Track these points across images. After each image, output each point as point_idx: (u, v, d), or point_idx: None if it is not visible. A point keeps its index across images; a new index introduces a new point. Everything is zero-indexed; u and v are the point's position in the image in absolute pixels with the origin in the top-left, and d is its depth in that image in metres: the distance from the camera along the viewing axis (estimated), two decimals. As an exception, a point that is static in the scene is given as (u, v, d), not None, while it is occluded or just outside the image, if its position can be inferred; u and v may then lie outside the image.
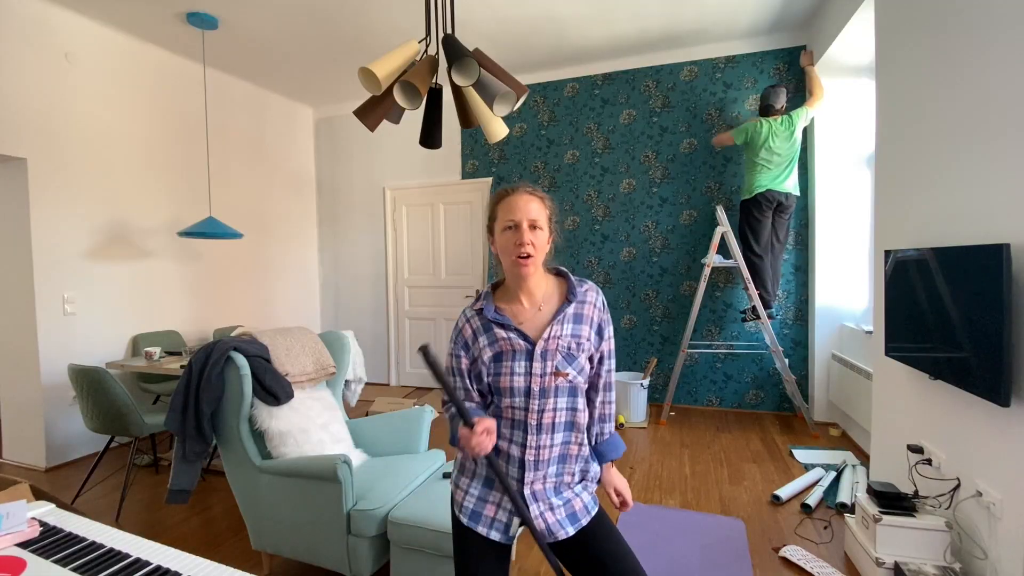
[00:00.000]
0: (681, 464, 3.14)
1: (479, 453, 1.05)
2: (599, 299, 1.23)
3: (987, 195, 1.69)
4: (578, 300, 1.20)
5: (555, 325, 1.16)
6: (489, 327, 1.19)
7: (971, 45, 1.77)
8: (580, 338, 1.17)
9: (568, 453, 1.19)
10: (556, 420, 1.15)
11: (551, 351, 1.15)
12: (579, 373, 1.16)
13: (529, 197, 1.18)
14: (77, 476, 3.11)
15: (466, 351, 1.21)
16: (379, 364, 5.38)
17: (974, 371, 1.62)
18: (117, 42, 3.62)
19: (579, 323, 1.18)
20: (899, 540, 1.86)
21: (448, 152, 4.96)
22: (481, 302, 1.23)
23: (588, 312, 1.20)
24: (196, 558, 0.99)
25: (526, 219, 1.16)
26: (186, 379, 1.97)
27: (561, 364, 1.14)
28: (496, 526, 1.17)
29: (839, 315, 3.82)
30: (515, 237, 1.15)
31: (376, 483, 1.96)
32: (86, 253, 3.45)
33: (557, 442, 1.17)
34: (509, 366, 1.15)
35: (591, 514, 1.19)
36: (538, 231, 1.17)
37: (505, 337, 1.17)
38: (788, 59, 3.94)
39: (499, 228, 1.19)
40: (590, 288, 1.23)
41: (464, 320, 1.23)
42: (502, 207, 1.20)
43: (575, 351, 1.16)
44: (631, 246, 4.42)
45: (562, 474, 1.19)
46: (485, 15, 3.55)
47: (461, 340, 1.22)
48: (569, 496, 1.19)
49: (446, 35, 1.95)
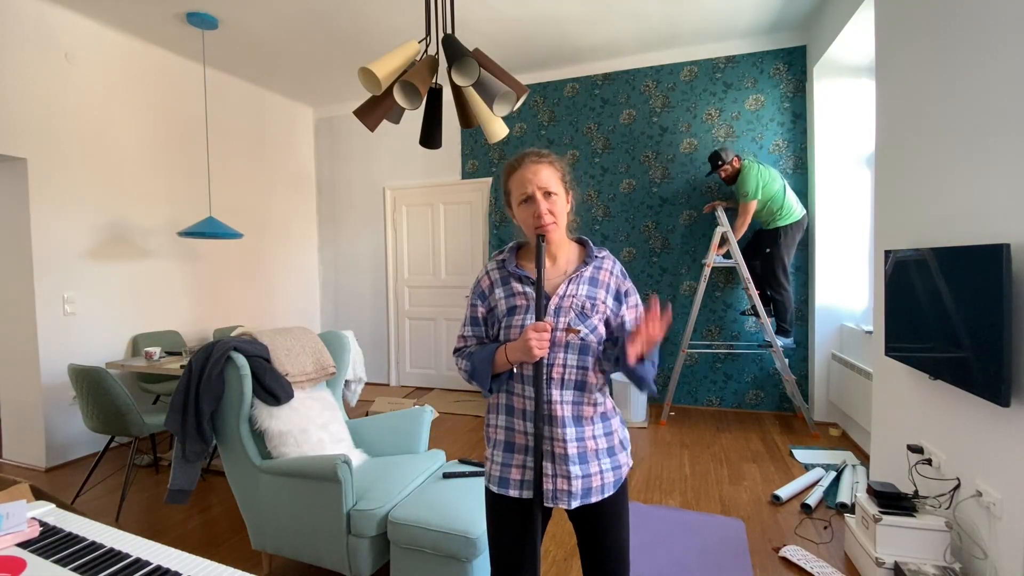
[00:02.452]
0: (681, 464, 3.14)
1: (542, 350, 1.07)
2: (616, 267, 1.25)
3: (987, 195, 1.69)
4: (595, 265, 1.23)
5: (571, 284, 1.19)
6: (507, 280, 1.23)
7: (971, 45, 1.77)
8: (595, 300, 1.19)
9: (582, 415, 1.18)
10: (565, 376, 1.16)
11: (565, 308, 1.16)
12: (591, 332, 1.16)
13: (537, 165, 1.19)
14: (77, 476, 3.11)
15: (483, 301, 1.25)
16: (379, 364, 5.38)
17: (974, 371, 1.62)
18: (117, 42, 3.62)
19: (595, 286, 1.20)
20: (899, 540, 1.86)
21: (448, 152, 4.96)
22: (505, 254, 1.27)
23: (604, 277, 1.22)
24: (196, 558, 0.99)
25: (538, 189, 1.16)
26: (186, 379, 1.97)
27: (574, 321, 1.16)
28: (526, 486, 1.17)
29: (839, 315, 3.82)
30: (532, 209, 1.17)
31: (376, 483, 1.96)
32: (86, 253, 3.45)
33: (568, 399, 1.16)
34: (522, 319, 1.17)
35: (604, 496, 1.18)
36: (554, 196, 1.18)
37: (522, 291, 1.20)
38: (788, 59, 3.94)
39: (515, 203, 1.21)
40: (607, 256, 1.27)
41: (484, 272, 1.28)
42: (513, 181, 1.21)
43: (588, 311, 1.17)
44: (631, 246, 4.42)
45: (583, 438, 1.17)
46: (485, 15, 3.55)
47: (479, 290, 1.27)
48: (594, 470, 1.17)
49: (446, 35, 1.95)
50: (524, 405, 1.17)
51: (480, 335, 1.26)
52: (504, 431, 1.21)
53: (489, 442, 1.25)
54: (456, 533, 1.68)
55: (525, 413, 1.17)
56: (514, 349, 1.12)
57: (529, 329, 1.08)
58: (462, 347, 1.28)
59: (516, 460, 1.19)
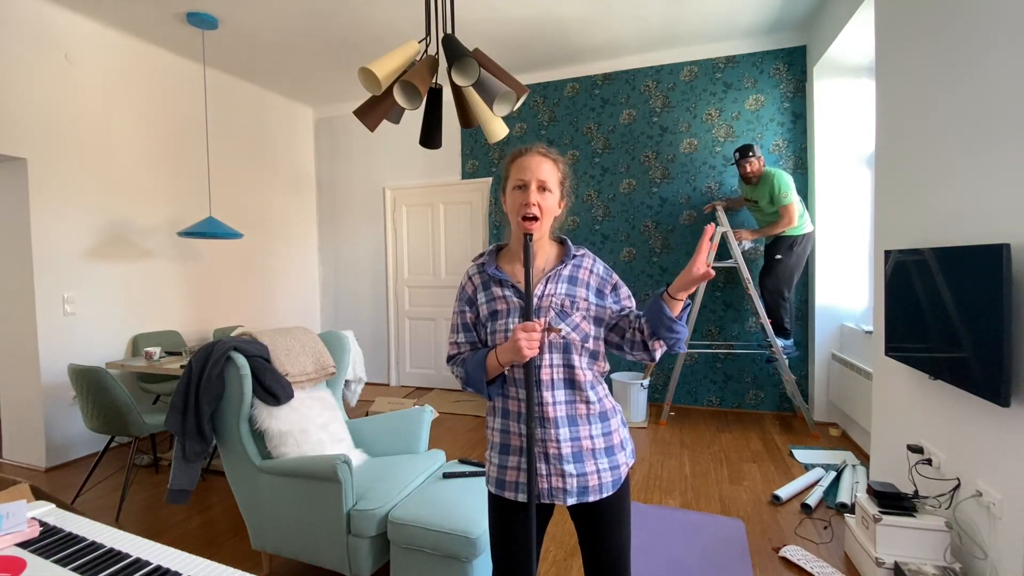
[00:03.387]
0: (681, 464, 3.14)
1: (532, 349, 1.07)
2: (597, 265, 1.25)
3: (987, 195, 1.69)
4: (574, 263, 1.22)
5: (549, 283, 1.19)
6: (488, 284, 1.22)
7: (971, 45, 1.77)
8: (575, 298, 1.18)
9: (576, 413, 1.17)
10: (554, 377, 1.16)
11: (543, 308, 1.16)
12: (573, 330, 1.16)
13: (541, 158, 1.18)
14: (77, 476, 3.11)
15: (470, 306, 1.25)
16: (379, 364, 5.38)
17: (974, 371, 1.62)
18: (117, 42, 3.62)
19: (573, 284, 1.20)
20: (899, 540, 1.86)
21: (448, 152, 4.96)
22: (485, 257, 1.26)
23: (583, 276, 1.21)
24: (196, 558, 0.99)
25: (535, 179, 1.16)
26: (186, 379, 1.97)
27: (554, 320, 1.15)
28: (521, 488, 1.17)
29: (839, 315, 3.82)
30: (522, 197, 1.16)
31: (376, 483, 1.96)
32: (86, 253, 3.45)
33: (560, 399, 1.16)
34: (504, 323, 1.17)
35: (602, 496, 1.17)
36: (547, 193, 1.17)
37: (501, 295, 1.20)
38: (788, 59, 3.94)
39: (509, 187, 1.20)
40: (586, 254, 1.26)
41: (467, 278, 1.27)
42: (514, 166, 1.20)
43: (568, 309, 1.17)
44: (631, 246, 4.42)
45: (579, 438, 1.16)
46: (485, 15, 3.55)
47: (464, 296, 1.26)
48: (590, 469, 1.16)
49: (446, 35, 1.95)
50: (519, 407, 1.17)
51: (473, 340, 1.25)
52: (500, 433, 1.22)
53: (488, 444, 1.26)
54: (456, 533, 1.68)
55: (520, 415, 1.17)
56: (504, 351, 1.11)
57: (517, 329, 1.08)
58: (455, 354, 1.27)
59: (512, 462, 1.19)
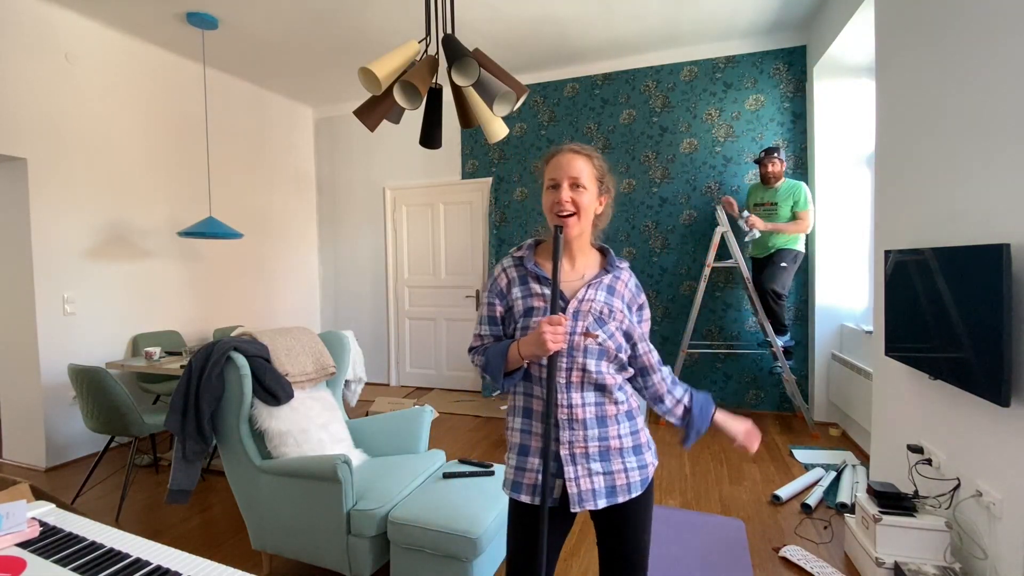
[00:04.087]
0: (681, 464, 3.14)
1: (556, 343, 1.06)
2: (632, 280, 1.25)
3: (987, 195, 1.69)
4: (614, 275, 1.22)
5: (590, 289, 1.18)
6: (525, 279, 1.20)
7: (971, 45, 1.77)
8: (613, 307, 1.17)
9: (606, 414, 1.16)
10: (585, 380, 1.14)
11: (583, 312, 1.15)
12: (609, 338, 1.15)
13: (573, 155, 1.17)
14: (77, 476, 3.11)
15: (501, 299, 1.22)
16: (379, 364, 5.38)
17: (974, 371, 1.62)
18: (117, 42, 3.62)
19: (612, 295, 1.19)
20: (899, 540, 1.86)
21: (448, 152, 4.96)
22: (523, 251, 1.24)
23: (621, 288, 1.21)
24: (196, 558, 0.99)
25: (567, 177, 1.15)
26: (186, 379, 1.97)
27: (592, 326, 1.14)
28: (538, 491, 1.15)
29: (839, 315, 3.82)
30: (555, 196, 1.16)
31: (376, 483, 1.96)
32: (86, 253, 3.45)
33: (590, 401, 1.14)
34: (539, 320, 1.14)
35: (631, 496, 1.16)
36: (581, 190, 1.16)
37: (540, 292, 1.17)
38: (788, 59, 3.94)
39: (544, 189, 1.19)
40: (626, 268, 1.27)
41: (501, 269, 1.24)
42: (547, 167, 1.20)
43: (606, 316, 1.16)
44: (631, 246, 4.42)
45: (607, 438, 1.15)
46: (485, 15, 3.55)
47: (496, 288, 1.23)
48: (617, 467, 1.15)
49: (446, 35, 1.95)
50: (542, 408, 1.15)
51: (498, 334, 1.23)
52: (520, 434, 1.19)
53: (508, 446, 1.24)
54: (456, 533, 1.68)
55: (543, 416, 1.15)
56: (527, 343, 1.09)
57: (543, 322, 1.06)
58: (478, 345, 1.26)
59: (531, 464, 1.16)
